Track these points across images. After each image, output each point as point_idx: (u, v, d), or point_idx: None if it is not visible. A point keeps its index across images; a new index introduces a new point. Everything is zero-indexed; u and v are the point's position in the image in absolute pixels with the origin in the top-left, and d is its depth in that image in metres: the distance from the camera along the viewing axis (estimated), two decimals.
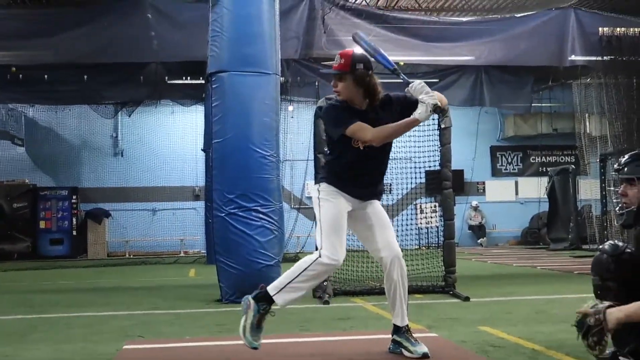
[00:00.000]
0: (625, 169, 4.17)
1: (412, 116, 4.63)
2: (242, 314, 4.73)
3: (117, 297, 9.61)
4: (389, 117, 4.78)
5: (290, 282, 4.75)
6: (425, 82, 4.67)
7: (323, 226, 4.81)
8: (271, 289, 4.74)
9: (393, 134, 4.76)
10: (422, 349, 4.74)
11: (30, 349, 5.53)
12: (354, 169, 4.86)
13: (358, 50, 4.97)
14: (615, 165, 4.29)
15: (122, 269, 16.31)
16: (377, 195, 5.06)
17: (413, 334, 4.89)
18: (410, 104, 4.69)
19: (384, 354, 4.92)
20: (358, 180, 4.88)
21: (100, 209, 22.32)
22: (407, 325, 4.89)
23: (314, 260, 4.75)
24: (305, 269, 4.75)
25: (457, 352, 5.00)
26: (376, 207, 4.99)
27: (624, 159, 4.25)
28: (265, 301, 4.71)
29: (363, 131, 4.68)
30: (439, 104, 4.57)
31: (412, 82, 4.70)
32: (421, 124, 9.22)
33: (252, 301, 4.72)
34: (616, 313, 3.77)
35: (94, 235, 22.13)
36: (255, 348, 4.69)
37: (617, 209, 4.23)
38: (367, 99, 4.82)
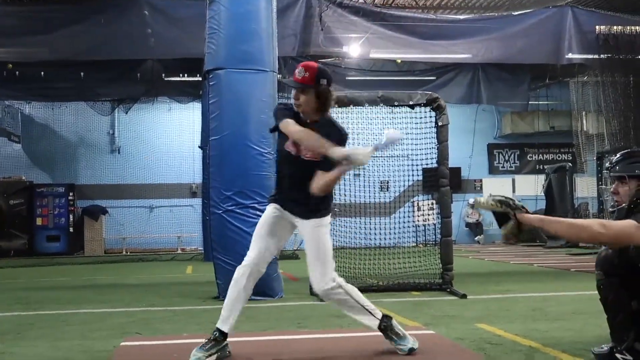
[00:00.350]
0: (617, 167, 4.21)
1: (337, 147, 4.48)
2: None
3: (115, 294, 9.61)
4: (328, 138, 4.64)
5: (226, 304, 4.82)
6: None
7: None
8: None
9: (311, 141, 4.56)
10: (408, 344, 4.75)
11: (27, 346, 5.53)
12: (283, 175, 4.88)
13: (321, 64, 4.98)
14: (607, 164, 4.33)
15: (119, 266, 16.30)
16: (309, 214, 4.79)
17: (394, 329, 4.85)
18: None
19: (380, 351, 4.92)
20: (287, 189, 4.84)
21: (97, 205, 22.32)
22: (382, 324, 4.84)
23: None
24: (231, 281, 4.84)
25: (455, 349, 5.01)
26: (308, 234, 4.81)
27: (615, 157, 4.29)
28: (216, 330, 4.78)
29: (290, 124, 4.64)
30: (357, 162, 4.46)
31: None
32: (419, 121, 9.25)
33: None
34: (535, 216, 4.09)
35: (91, 232, 22.12)
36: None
37: (610, 206, 4.26)
38: (320, 112, 4.76)
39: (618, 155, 4.30)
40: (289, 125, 4.65)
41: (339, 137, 4.67)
